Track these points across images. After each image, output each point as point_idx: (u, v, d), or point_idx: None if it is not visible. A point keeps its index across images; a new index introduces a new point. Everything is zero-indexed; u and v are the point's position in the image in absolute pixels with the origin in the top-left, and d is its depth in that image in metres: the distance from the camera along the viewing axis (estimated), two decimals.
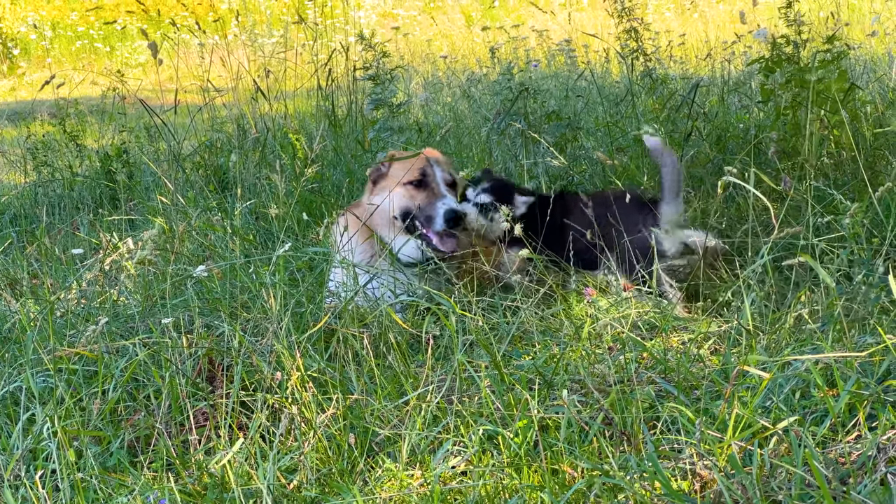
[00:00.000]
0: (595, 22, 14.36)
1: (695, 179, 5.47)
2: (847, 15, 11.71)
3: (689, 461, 2.70)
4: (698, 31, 12.59)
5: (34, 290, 4.59)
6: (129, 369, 3.33)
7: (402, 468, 2.84)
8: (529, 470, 2.78)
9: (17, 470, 2.95)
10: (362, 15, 16.01)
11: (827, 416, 2.83)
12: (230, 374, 3.34)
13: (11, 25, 18.25)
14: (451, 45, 14.36)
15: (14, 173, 8.58)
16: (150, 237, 4.39)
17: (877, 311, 3.44)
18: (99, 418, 3.18)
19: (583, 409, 3.05)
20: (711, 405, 2.95)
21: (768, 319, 3.47)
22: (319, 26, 10.14)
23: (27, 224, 6.80)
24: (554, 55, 10.38)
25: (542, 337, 3.67)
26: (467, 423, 2.96)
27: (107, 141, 8.13)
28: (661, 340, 3.59)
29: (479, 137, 6.86)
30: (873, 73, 7.77)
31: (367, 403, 3.16)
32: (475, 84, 8.88)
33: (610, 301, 3.91)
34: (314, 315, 3.81)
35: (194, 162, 7.26)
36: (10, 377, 3.46)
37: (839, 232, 3.69)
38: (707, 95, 7.18)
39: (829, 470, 2.55)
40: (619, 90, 8.11)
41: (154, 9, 10.89)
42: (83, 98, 10.48)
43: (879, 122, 5.54)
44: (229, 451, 2.84)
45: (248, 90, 8.49)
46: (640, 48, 6.35)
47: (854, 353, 2.91)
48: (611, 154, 5.87)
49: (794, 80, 5.27)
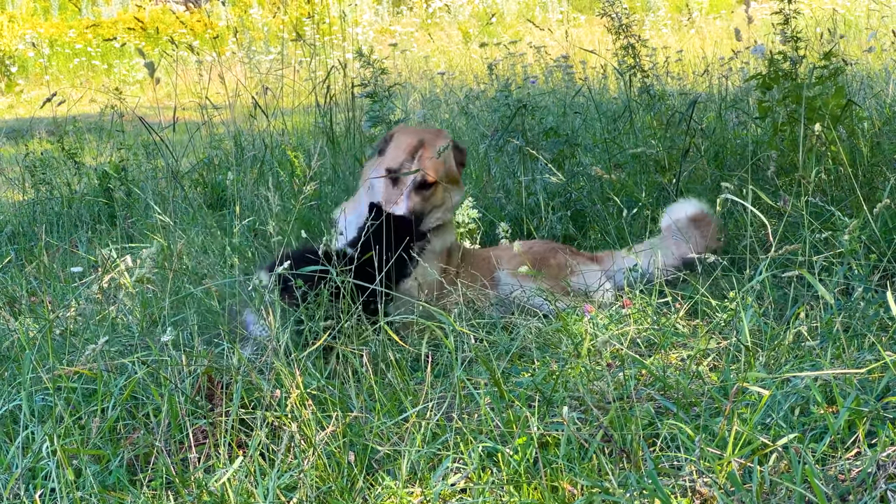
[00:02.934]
0: (592, 38, 14.40)
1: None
2: (843, 30, 11.75)
3: (689, 478, 2.70)
4: (695, 48, 12.63)
5: (33, 308, 4.58)
6: (128, 387, 3.33)
7: (402, 486, 2.84)
8: (529, 487, 2.77)
9: (16, 489, 2.94)
10: (360, 32, 16.03)
11: (826, 432, 2.83)
12: (229, 391, 3.33)
13: (9, 43, 18.26)
14: (449, 61, 14.39)
15: (12, 191, 8.58)
16: (149, 255, 4.38)
17: (875, 328, 3.44)
18: (98, 437, 3.18)
19: (582, 426, 3.05)
20: (711, 422, 2.95)
21: (767, 336, 3.47)
22: (317, 43, 10.16)
23: (26, 242, 6.80)
24: (552, 71, 10.40)
25: (541, 354, 3.67)
26: (467, 441, 2.96)
27: (105, 158, 8.13)
28: (660, 357, 3.59)
29: (478, 154, 6.87)
30: (870, 88, 7.79)
31: (367, 421, 3.16)
32: (473, 101, 8.89)
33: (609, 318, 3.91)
34: (313, 333, 3.81)
35: (192, 179, 7.27)
36: (8, 396, 3.45)
37: (837, 248, 3.69)
38: (705, 111, 7.20)
39: (829, 487, 2.55)
40: (616, 106, 8.13)
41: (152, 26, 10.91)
42: (81, 115, 10.49)
43: (877, 138, 5.55)
44: (229, 470, 2.83)
45: (246, 107, 8.51)
46: (637, 64, 6.37)
47: (853, 369, 2.92)
48: (608, 170, 5.88)
49: (791, 97, 5.29)
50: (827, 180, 5.05)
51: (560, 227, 5.42)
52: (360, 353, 3.47)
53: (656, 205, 5.31)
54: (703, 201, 4.88)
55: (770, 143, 5.44)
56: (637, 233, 5.04)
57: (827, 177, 5.06)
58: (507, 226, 5.22)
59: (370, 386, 3.32)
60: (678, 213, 4.89)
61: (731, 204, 5.02)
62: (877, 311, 3.52)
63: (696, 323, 3.90)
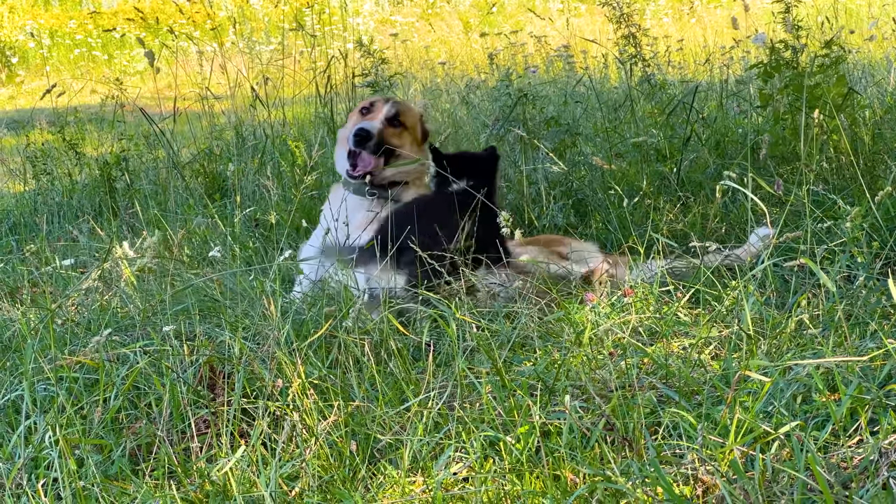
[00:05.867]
0: (593, 27, 14.37)
1: (694, 185, 5.48)
2: (845, 19, 11.73)
3: (691, 466, 2.70)
4: (696, 37, 12.60)
5: (34, 298, 4.58)
6: (130, 377, 3.33)
7: (404, 475, 2.84)
8: (531, 476, 2.77)
9: (18, 479, 2.94)
10: (360, 22, 16.02)
11: (828, 420, 2.83)
12: (231, 381, 3.33)
13: (9, 34, 18.25)
14: (450, 51, 14.37)
15: (14, 182, 8.58)
16: (151, 245, 4.39)
17: (877, 315, 3.44)
18: (100, 426, 3.18)
19: (584, 414, 3.05)
20: (713, 410, 2.95)
21: (769, 324, 3.47)
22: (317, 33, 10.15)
23: (27, 232, 6.80)
24: (552, 61, 10.39)
25: (543, 343, 3.67)
26: (469, 430, 2.96)
27: (106, 149, 8.14)
28: (661, 346, 3.59)
29: (479, 144, 6.86)
30: (871, 77, 7.78)
31: (369, 410, 3.16)
32: (474, 90, 8.88)
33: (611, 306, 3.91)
34: (315, 322, 3.81)
35: (193, 169, 7.26)
36: (10, 386, 3.46)
37: (839, 236, 3.69)
38: (706, 100, 7.19)
39: (832, 474, 2.55)
40: (617, 96, 8.12)
41: (152, 17, 10.88)
42: (82, 106, 10.48)
43: (878, 126, 5.54)
44: (231, 459, 2.83)
45: (247, 97, 8.50)
46: (638, 54, 6.36)
47: (855, 357, 2.91)
48: (609, 160, 5.87)
49: (792, 85, 5.28)
50: (828, 169, 5.04)
51: (561, 217, 5.41)
52: (362, 341, 3.47)
53: (657, 194, 5.30)
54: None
55: (771, 131, 5.44)
56: (639, 222, 5.03)
57: (828, 165, 5.05)
58: (508, 215, 5.21)
59: (372, 375, 3.32)
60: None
61: (732, 192, 5.02)
62: (879, 298, 3.52)
63: (697, 311, 3.90)
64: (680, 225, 4.90)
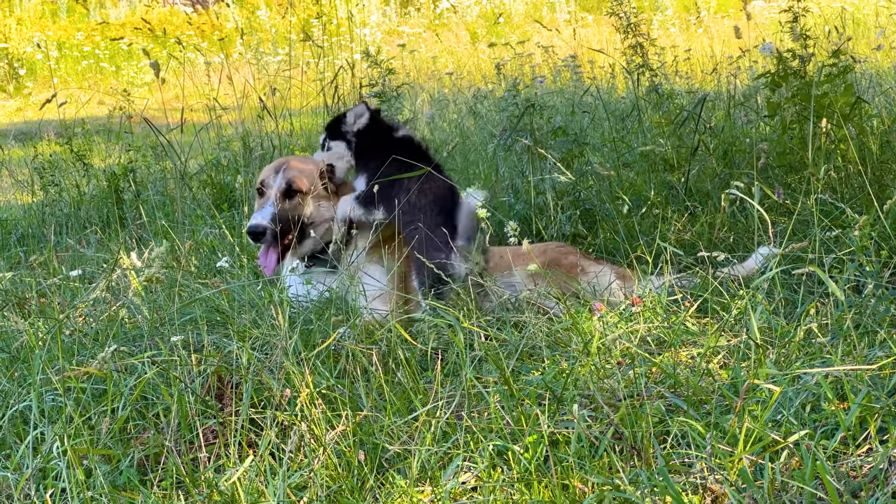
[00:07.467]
0: (600, 38, 14.39)
1: (701, 194, 5.47)
2: (852, 29, 11.73)
3: (700, 475, 2.69)
4: (703, 46, 12.61)
5: (42, 308, 4.59)
6: (138, 388, 3.34)
7: (412, 484, 2.84)
8: (540, 485, 2.77)
9: (27, 489, 2.94)
10: (367, 32, 16.05)
11: (838, 429, 2.83)
12: (239, 391, 3.33)
13: (17, 46, 18.29)
14: (457, 61, 14.39)
15: (21, 193, 8.60)
16: (158, 255, 4.39)
17: (886, 324, 3.43)
18: (108, 437, 3.18)
19: (593, 423, 3.05)
20: (722, 419, 2.95)
21: (777, 333, 3.46)
22: (325, 44, 10.17)
23: (35, 243, 6.81)
24: (559, 71, 10.40)
25: (551, 352, 3.66)
26: (477, 439, 2.96)
27: (113, 160, 8.15)
28: (670, 355, 3.58)
29: (486, 154, 6.87)
30: (879, 86, 7.78)
31: (377, 420, 3.16)
32: (481, 100, 8.89)
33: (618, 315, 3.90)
34: (322, 332, 3.81)
35: (201, 180, 7.28)
36: (19, 396, 3.46)
37: (847, 245, 3.68)
38: (713, 110, 7.19)
39: (841, 483, 2.54)
40: (625, 105, 8.13)
41: (160, 28, 10.92)
42: (89, 118, 10.51)
43: (886, 135, 5.54)
44: (239, 469, 2.83)
45: (254, 108, 8.52)
46: (645, 63, 6.36)
47: (864, 366, 2.91)
48: (617, 169, 5.87)
49: (799, 95, 5.28)
50: (836, 178, 5.04)
51: (569, 227, 5.41)
52: (370, 351, 3.47)
53: (665, 203, 5.30)
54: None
55: (779, 140, 5.43)
56: (647, 231, 5.02)
57: (836, 174, 5.05)
58: (516, 224, 5.21)
59: (380, 385, 3.32)
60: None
61: (739, 202, 5.01)
62: (888, 307, 3.51)
63: (706, 321, 3.89)
64: (688, 234, 4.90)
